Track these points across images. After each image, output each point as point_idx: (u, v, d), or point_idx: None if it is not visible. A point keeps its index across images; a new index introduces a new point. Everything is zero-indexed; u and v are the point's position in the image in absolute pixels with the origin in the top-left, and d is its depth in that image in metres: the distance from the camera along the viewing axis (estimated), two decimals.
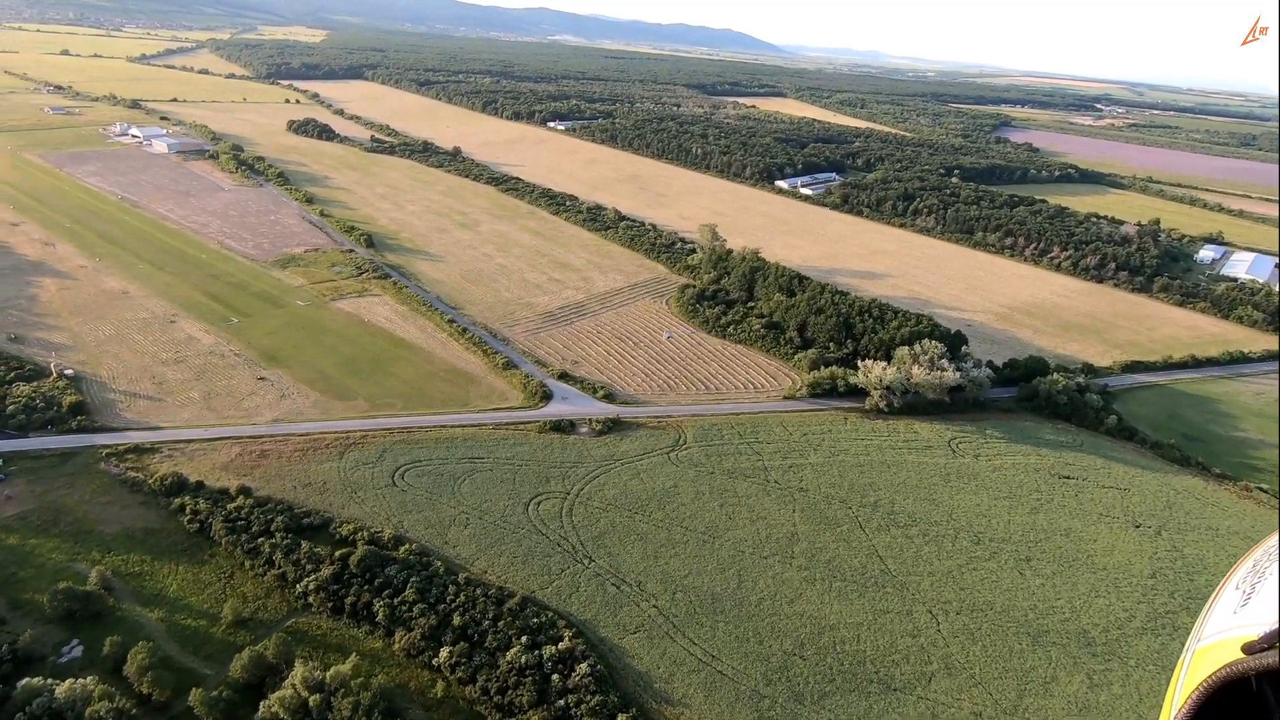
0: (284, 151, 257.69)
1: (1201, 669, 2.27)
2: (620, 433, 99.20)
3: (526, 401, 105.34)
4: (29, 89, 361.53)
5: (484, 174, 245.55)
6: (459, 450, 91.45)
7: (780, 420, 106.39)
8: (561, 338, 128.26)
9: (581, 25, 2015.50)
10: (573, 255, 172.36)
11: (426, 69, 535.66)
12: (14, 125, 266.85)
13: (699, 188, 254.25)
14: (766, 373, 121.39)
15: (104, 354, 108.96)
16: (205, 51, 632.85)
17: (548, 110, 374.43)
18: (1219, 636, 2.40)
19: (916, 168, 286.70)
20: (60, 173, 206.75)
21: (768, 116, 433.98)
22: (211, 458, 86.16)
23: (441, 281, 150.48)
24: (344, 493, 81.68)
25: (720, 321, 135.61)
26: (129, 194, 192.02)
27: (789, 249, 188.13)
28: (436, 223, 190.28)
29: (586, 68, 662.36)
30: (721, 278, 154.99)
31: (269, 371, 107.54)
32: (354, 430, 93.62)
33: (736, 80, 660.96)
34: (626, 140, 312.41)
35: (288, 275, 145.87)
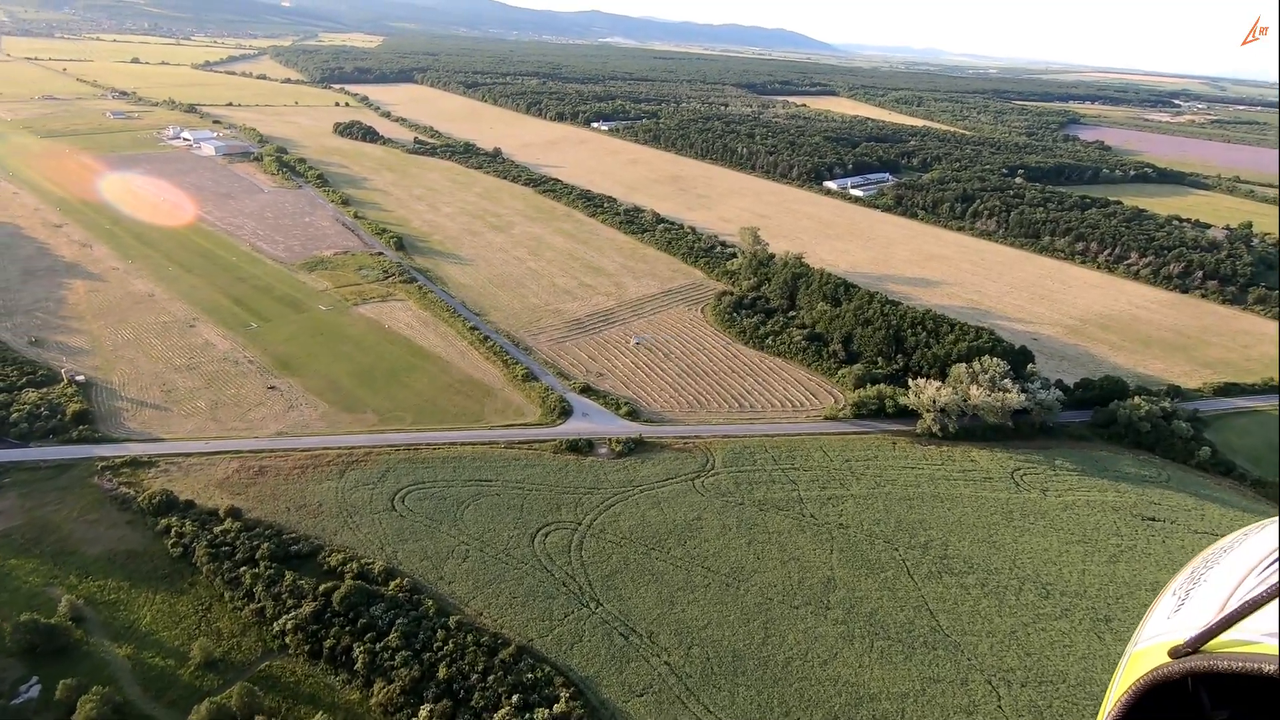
0: (327, 153, 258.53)
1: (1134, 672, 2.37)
2: (642, 455, 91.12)
3: (544, 417, 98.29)
4: (96, 95, 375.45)
5: (522, 175, 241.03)
6: (467, 471, 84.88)
7: (820, 444, 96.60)
8: (588, 347, 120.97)
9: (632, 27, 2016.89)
10: (606, 259, 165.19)
11: (475, 71, 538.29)
12: (75, 129, 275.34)
13: (742, 189, 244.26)
14: (806, 389, 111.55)
15: (119, 359, 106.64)
16: (266, 58, 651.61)
17: (591, 111, 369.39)
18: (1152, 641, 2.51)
19: (977, 167, 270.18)
20: (109, 175, 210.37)
21: (818, 115, 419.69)
22: (208, 473, 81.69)
23: (468, 286, 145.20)
24: (339, 516, 75.90)
25: (758, 332, 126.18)
26: (173, 196, 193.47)
27: (835, 254, 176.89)
28: (469, 225, 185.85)
29: (634, 68, 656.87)
30: (761, 284, 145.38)
31: (280, 380, 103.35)
32: (359, 446, 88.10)
33: (787, 79, 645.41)
34: (670, 140, 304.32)
35: (314, 279, 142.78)
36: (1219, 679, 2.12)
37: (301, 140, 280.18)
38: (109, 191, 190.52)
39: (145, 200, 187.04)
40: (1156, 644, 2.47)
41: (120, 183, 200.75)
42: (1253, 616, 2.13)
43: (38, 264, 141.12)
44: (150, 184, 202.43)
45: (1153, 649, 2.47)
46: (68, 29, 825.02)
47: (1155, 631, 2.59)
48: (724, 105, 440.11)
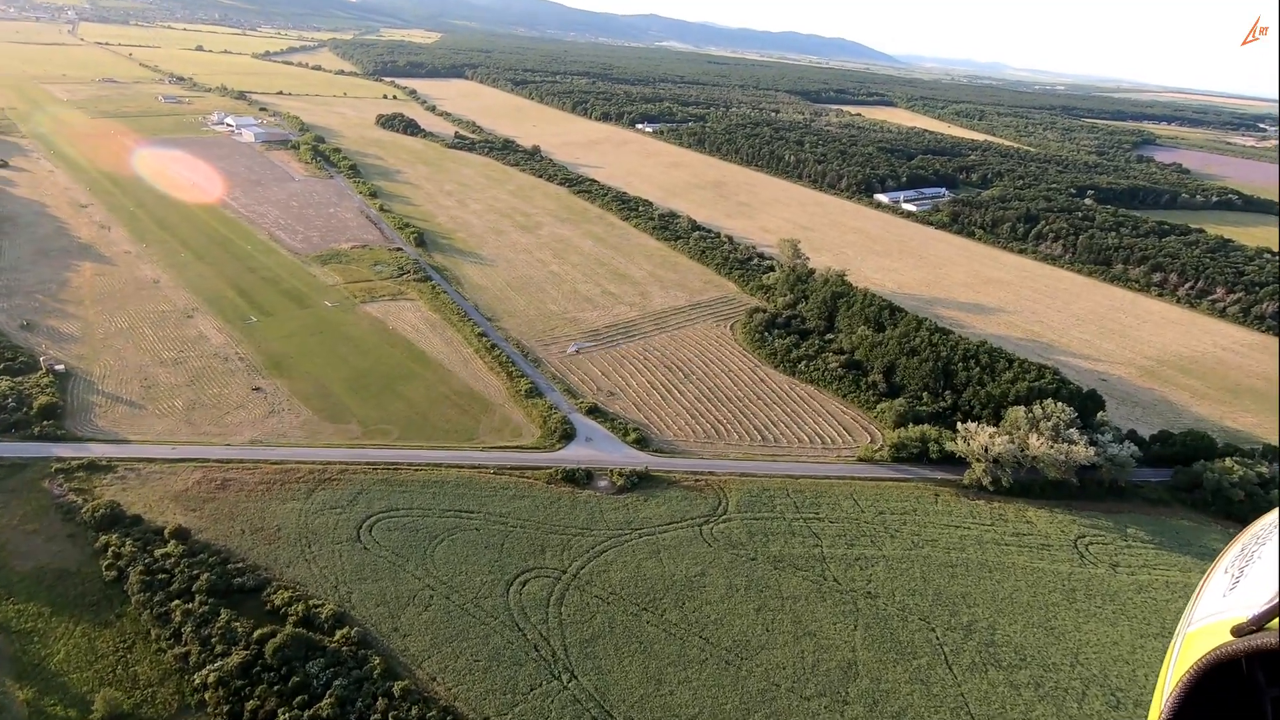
0: (365, 144, 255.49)
1: (1192, 653, 2.34)
2: (647, 490, 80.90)
3: (542, 440, 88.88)
4: (154, 80, 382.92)
5: (559, 174, 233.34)
6: (447, 498, 75.93)
7: (851, 490, 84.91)
8: (602, 362, 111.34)
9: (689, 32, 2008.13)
10: (634, 266, 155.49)
11: (525, 69, 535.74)
12: (125, 112, 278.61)
13: (787, 198, 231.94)
14: (840, 424, 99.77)
15: (106, 348, 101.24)
16: (325, 50, 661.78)
17: (637, 112, 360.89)
18: (1208, 620, 2.46)
19: (1042, 185, 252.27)
20: (144, 157, 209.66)
21: (872, 125, 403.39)
22: (167, 483, 74.50)
23: (485, 288, 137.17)
24: (297, 544, 67.64)
25: (791, 355, 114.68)
26: (204, 181, 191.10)
27: (882, 272, 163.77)
28: (496, 223, 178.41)
29: (686, 71, 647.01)
30: (798, 302, 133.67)
31: (268, 381, 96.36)
32: (334, 462, 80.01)
33: (843, 88, 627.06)
34: (715, 145, 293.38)
35: (325, 272, 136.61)
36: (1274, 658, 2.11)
37: (343, 130, 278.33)
38: (140, 174, 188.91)
39: (174, 184, 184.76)
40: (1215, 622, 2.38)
41: (153, 165, 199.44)
42: None
43: (52, 244, 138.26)
44: (183, 168, 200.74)
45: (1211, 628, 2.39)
46: (143, 17, 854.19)
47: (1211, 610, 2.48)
48: (775, 111, 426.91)
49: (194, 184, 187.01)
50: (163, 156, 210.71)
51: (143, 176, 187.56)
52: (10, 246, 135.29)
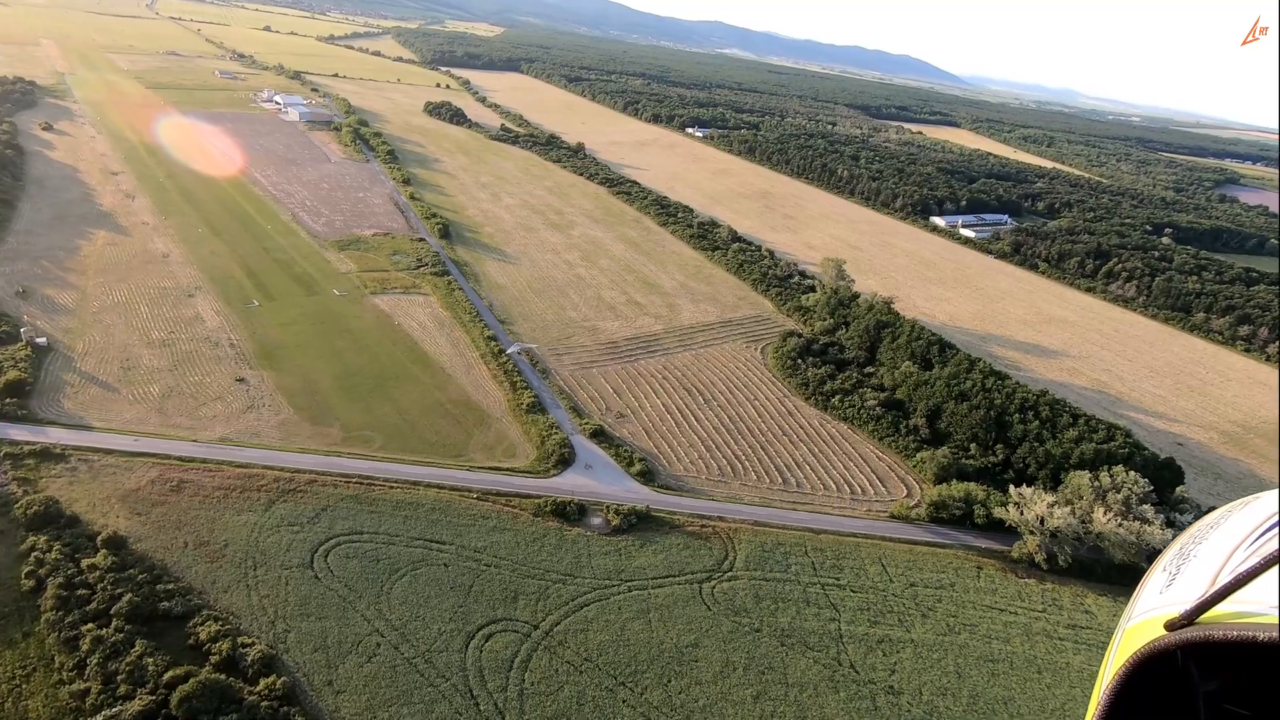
0: (408, 130, 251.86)
1: (1129, 647, 2.45)
2: (645, 533, 71.44)
3: (537, 464, 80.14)
4: (216, 55, 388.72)
5: (600, 173, 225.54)
6: (420, 523, 67.68)
7: (879, 553, 74.06)
8: (616, 378, 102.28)
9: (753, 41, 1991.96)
10: (665, 275, 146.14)
11: (581, 66, 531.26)
12: (179, 84, 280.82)
13: (836, 214, 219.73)
14: (873, 472, 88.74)
15: (96, 323, 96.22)
16: (389, 37, 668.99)
17: (689, 115, 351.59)
18: (1146, 616, 2.58)
19: (1114, 220, 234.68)
20: (186, 130, 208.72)
21: (933, 144, 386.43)
22: (118, 480, 67.93)
23: (503, 287, 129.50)
24: (241, 565, 60.08)
25: (825, 387, 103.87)
26: (239, 155, 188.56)
27: (933, 302, 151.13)
28: (527, 220, 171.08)
29: (744, 78, 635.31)
30: (838, 328, 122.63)
31: (254, 372, 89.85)
32: (304, 470, 72.53)
33: (905, 105, 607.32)
34: (765, 154, 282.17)
35: (341, 259, 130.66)
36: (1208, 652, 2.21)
37: (389, 115, 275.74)
38: (177, 145, 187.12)
39: (208, 157, 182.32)
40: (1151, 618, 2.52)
41: (192, 138, 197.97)
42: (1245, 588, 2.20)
43: (73, 210, 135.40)
44: (221, 142, 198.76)
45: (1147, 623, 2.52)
46: None
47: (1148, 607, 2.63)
48: (832, 124, 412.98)
49: (228, 159, 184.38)
50: (204, 130, 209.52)
51: (177, 149, 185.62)
52: (31, 210, 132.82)
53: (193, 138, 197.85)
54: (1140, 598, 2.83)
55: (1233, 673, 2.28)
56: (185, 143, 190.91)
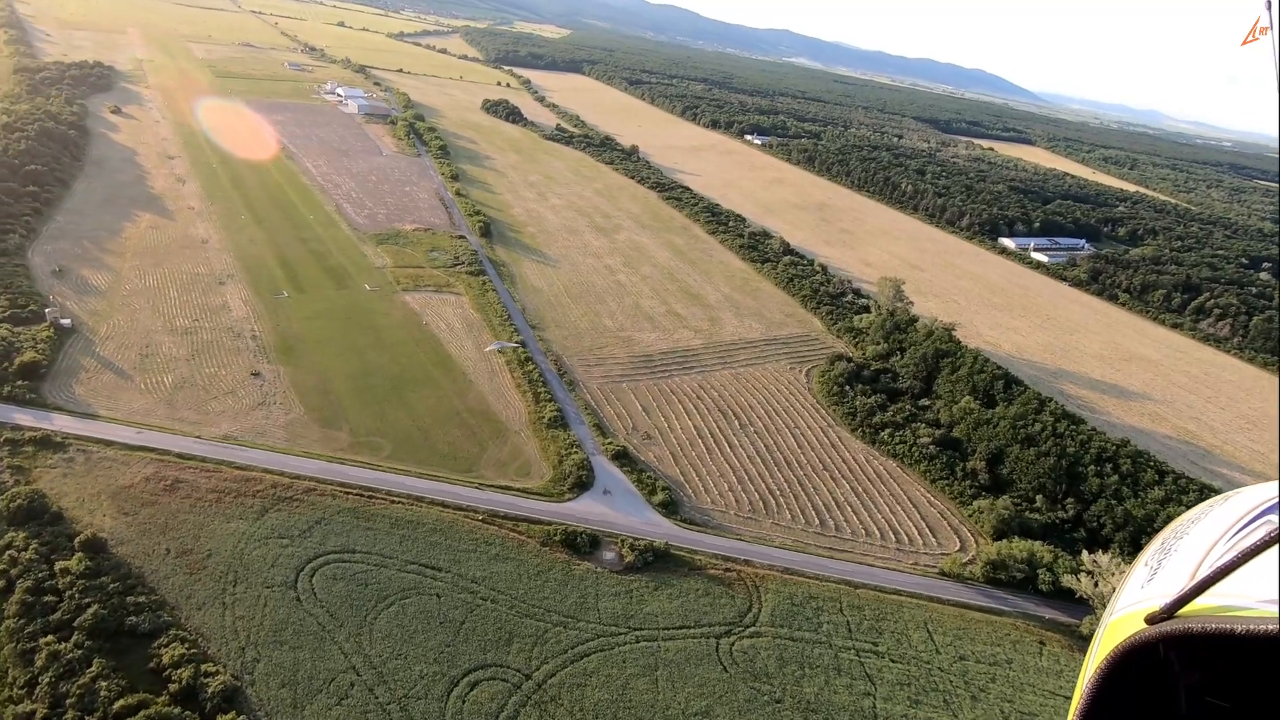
0: (463, 127, 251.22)
1: (1111, 640, 2.49)
2: (661, 574, 64.70)
3: (551, 485, 74.27)
4: (288, 48, 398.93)
5: (651, 177, 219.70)
6: (417, 545, 62.49)
7: (926, 616, 65.54)
8: (647, 395, 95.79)
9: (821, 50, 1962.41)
10: (710, 286, 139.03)
11: (644, 70, 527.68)
12: (249, 74, 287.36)
13: (896, 230, 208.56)
14: (923, 519, 79.91)
15: (124, 307, 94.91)
16: (457, 36, 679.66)
17: (748, 122, 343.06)
18: (1127, 610, 2.62)
19: (1205, 250, 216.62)
20: (247, 118, 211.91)
21: (1005, 162, 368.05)
22: (113, 474, 64.86)
23: (539, 290, 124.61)
24: (222, 580, 55.84)
25: (874, 419, 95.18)
26: (294, 144, 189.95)
27: (998, 330, 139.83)
28: (571, 221, 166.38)
29: (809, 87, 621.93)
30: (892, 354, 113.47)
31: (271, 367, 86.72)
32: (304, 476, 68.32)
33: (977, 119, 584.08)
34: (825, 164, 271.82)
35: (378, 252, 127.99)
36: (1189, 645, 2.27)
37: (446, 111, 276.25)
38: (234, 132, 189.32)
39: (263, 145, 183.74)
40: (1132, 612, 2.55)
41: (251, 126, 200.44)
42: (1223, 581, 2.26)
43: (124, 192, 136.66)
44: (279, 131, 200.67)
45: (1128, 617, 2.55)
46: None
47: (1130, 601, 2.66)
48: (898, 137, 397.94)
49: (282, 147, 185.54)
50: (263, 118, 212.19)
51: (236, 135, 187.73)
52: (85, 190, 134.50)
53: (251, 126, 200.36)
54: (1123, 592, 2.80)
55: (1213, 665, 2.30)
56: (243, 130, 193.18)
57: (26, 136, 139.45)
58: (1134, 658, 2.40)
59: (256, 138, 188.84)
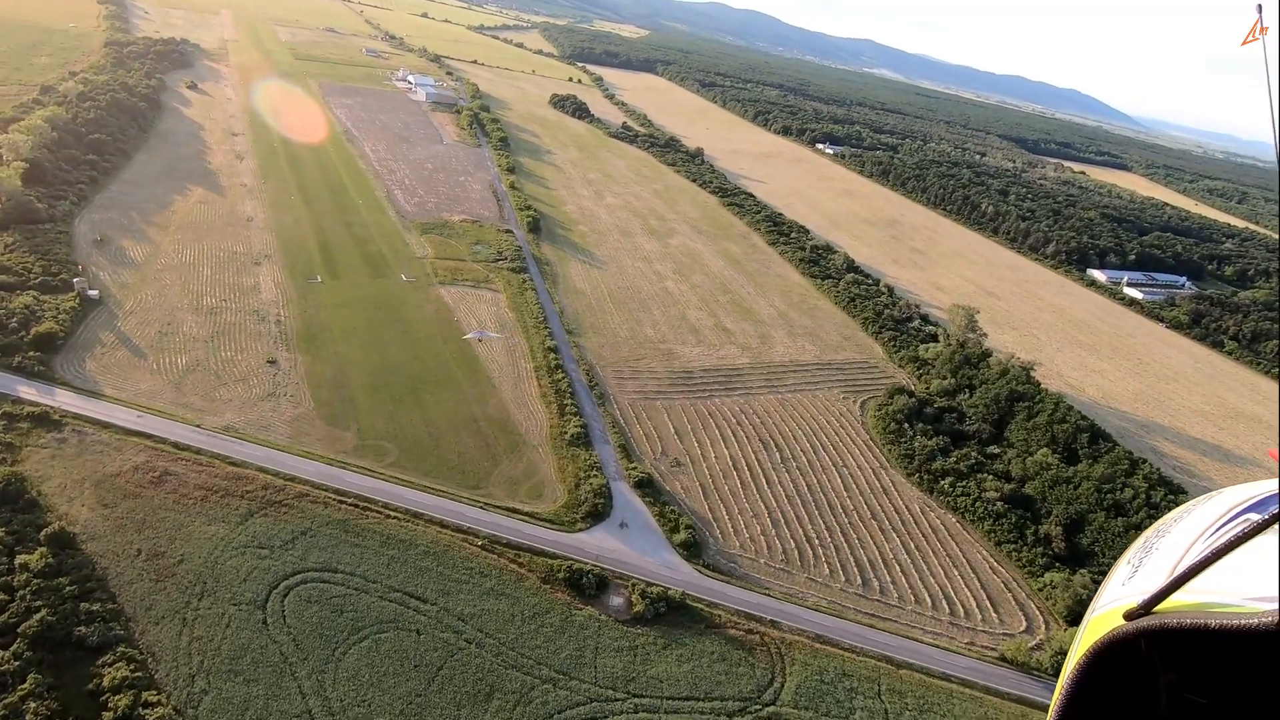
0: (527, 120, 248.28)
1: (1091, 636, 2.54)
2: (673, 628, 56.93)
3: (564, 511, 67.40)
4: (368, 35, 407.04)
5: (714, 181, 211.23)
6: (405, 570, 56.51)
7: (982, 711, 55.77)
8: (682, 416, 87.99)
9: (904, 62, 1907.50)
10: (763, 301, 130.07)
11: (718, 73, 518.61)
12: (327, 58, 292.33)
13: (973, 253, 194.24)
14: (984, 588, 69.63)
15: (154, 281, 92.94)
16: (536, 32, 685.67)
17: (821, 130, 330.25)
18: (1109, 606, 2.67)
19: None
20: (320, 99, 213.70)
21: (1098, 187, 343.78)
22: (102, 460, 61.25)
23: (581, 293, 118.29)
24: (188, 591, 51.01)
25: (933, 465, 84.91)
26: (356, 128, 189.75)
27: (1083, 372, 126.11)
28: (625, 222, 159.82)
29: (889, 99, 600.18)
30: (960, 391, 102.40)
31: (289, 355, 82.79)
32: (299, 479, 63.37)
33: (1068, 141, 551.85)
34: (900, 178, 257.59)
35: (421, 242, 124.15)
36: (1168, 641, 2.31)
37: (513, 104, 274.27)
38: (299, 114, 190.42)
39: (325, 127, 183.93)
40: (1112, 609, 2.60)
41: (317, 107, 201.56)
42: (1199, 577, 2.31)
43: (182, 166, 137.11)
44: (344, 114, 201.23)
45: (1109, 614, 2.60)
46: None
47: (1111, 598, 2.72)
48: (980, 155, 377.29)
49: (344, 130, 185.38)
50: (332, 101, 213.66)
51: (301, 116, 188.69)
52: (145, 161, 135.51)
53: (317, 108, 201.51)
54: (1105, 589, 2.84)
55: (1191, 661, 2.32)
56: (308, 112, 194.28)
57: (97, 106, 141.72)
58: (1114, 654, 2.41)
59: (320, 120, 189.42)
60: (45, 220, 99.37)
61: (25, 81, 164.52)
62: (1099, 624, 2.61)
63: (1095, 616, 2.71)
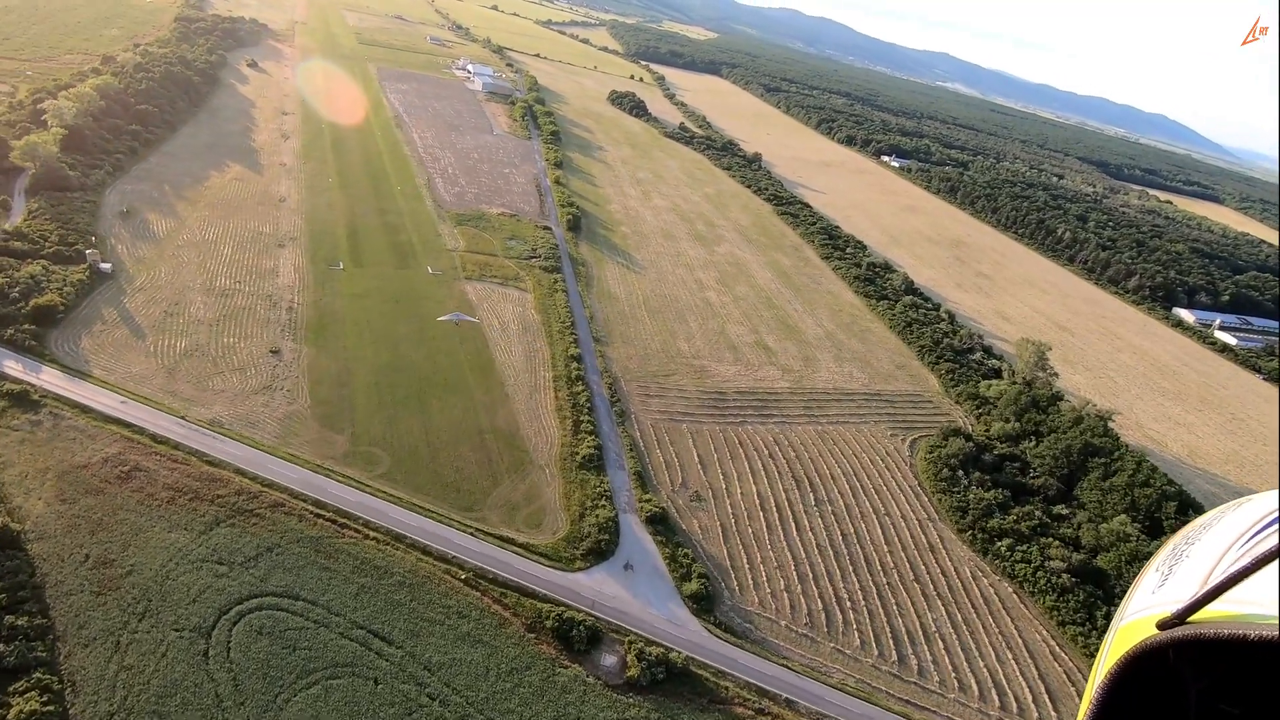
0: (582, 115, 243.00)
1: (1121, 645, 2.51)
2: (670, 700, 49.15)
3: (563, 545, 60.23)
4: (436, 24, 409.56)
5: (769, 188, 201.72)
6: (373, 604, 50.21)
7: None
8: (709, 442, 79.94)
9: (979, 78, 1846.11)
10: (810, 319, 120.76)
11: (784, 78, 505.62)
12: (390, 44, 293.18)
13: (1044, 281, 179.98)
14: (1043, 678, 59.63)
15: (171, 258, 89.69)
16: (603, 29, 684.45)
17: (887, 142, 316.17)
18: (1138, 615, 2.62)
19: None
20: (375, 84, 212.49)
21: (1186, 219, 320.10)
22: (71, 449, 56.85)
23: (615, 298, 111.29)
24: (129, 610, 45.68)
25: (989, 523, 74.81)
26: (407, 115, 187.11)
27: (1166, 424, 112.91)
28: (670, 226, 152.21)
29: (962, 114, 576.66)
30: (1024, 438, 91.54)
31: (295, 346, 77.98)
32: (276, 486, 57.85)
33: (1153, 167, 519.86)
34: (969, 197, 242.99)
35: (454, 234, 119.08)
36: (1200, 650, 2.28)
37: (571, 98, 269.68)
38: (350, 96, 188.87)
39: (375, 111, 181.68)
40: (1143, 618, 2.55)
41: (372, 91, 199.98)
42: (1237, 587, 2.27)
43: (226, 141, 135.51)
44: (397, 99, 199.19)
45: (1139, 622, 2.55)
46: None
47: (1141, 606, 2.65)
48: (1058, 177, 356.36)
49: (394, 115, 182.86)
50: (388, 85, 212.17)
51: (353, 99, 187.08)
52: (189, 134, 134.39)
53: (372, 92, 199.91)
54: (1133, 597, 2.78)
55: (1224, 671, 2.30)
56: (361, 95, 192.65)
57: (150, 78, 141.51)
58: (1144, 663, 2.37)
59: (372, 104, 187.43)
60: (75, 188, 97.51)
61: (91, 51, 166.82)
62: (1128, 633, 2.54)
63: (1124, 625, 2.62)
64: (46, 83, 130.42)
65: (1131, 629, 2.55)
